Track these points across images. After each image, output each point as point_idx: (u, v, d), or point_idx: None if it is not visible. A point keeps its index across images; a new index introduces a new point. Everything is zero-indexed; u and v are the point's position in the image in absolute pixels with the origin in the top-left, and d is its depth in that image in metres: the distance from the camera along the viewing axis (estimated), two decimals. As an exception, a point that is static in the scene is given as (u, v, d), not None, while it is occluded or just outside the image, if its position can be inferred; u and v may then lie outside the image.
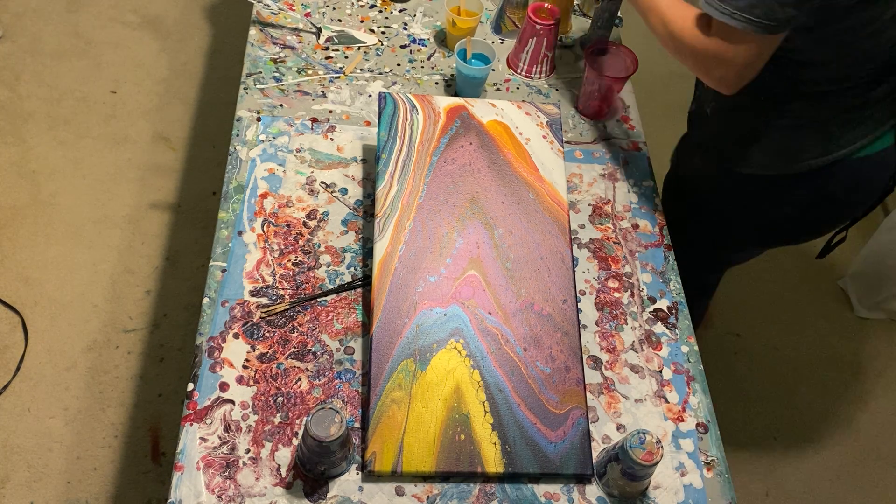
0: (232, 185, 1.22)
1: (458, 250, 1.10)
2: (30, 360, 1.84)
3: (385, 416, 0.99)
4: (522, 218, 1.14)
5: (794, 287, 2.25)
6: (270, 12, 1.47)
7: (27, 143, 2.22)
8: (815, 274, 2.29)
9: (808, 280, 2.28)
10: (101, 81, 2.40)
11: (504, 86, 1.45)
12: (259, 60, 1.39)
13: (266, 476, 0.96)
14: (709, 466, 1.06)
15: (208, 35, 2.61)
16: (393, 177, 1.15)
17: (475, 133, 1.21)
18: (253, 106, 1.33)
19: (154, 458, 1.74)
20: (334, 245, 1.18)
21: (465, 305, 1.07)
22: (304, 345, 1.08)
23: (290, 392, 1.03)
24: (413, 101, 1.23)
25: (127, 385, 1.84)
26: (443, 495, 0.98)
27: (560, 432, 1.01)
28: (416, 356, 1.03)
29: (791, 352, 2.13)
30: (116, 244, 2.06)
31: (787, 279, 2.25)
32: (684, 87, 2.78)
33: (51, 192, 2.13)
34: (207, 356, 1.04)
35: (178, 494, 0.94)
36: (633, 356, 1.14)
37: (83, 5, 2.59)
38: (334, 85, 1.39)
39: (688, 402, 1.11)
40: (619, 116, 1.44)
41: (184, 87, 2.44)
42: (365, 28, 1.50)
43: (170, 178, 2.22)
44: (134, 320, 1.94)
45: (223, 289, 1.11)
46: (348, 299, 1.13)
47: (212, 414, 1.00)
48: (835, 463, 1.93)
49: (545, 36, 1.40)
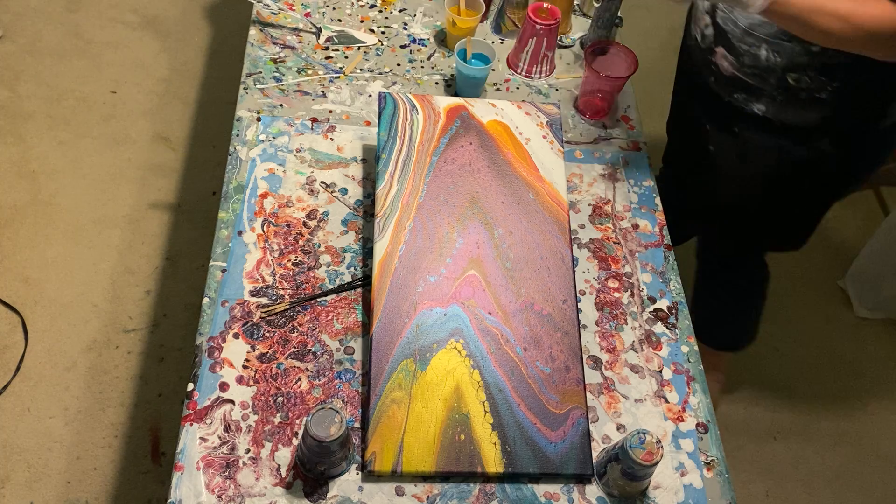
0: (232, 185, 1.22)
1: (458, 250, 1.10)
2: (30, 360, 1.84)
3: (385, 416, 0.99)
4: (522, 218, 1.14)
5: (794, 287, 2.25)
6: (270, 12, 1.47)
7: (27, 143, 2.22)
8: (815, 274, 2.29)
9: (808, 280, 2.28)
10: (101, 81, 2.40)
11: (504, 86, 1.45)
12: (259, 60, 1.39)
13: (266, 476, 0.96)
14: (709, 466, 1.06)
15: (208, 35, 2.61)
16: (393, 177, 1.15)
17: (475, 133, 1.21)
18: (253, 106, 1.33)
19: (154, 458, 1.74)
20: (334, 245, 1.18)
21: (465, 305, 1.07)
22: (304, 345, 1.08)
23: (290, 392, 1.03)
24: (413, 101, 1.23)
25: (127, 385, 1.84)
26: (443, 495, 0.98)
27: (560, 432, 1.01)
28: (416, 356, 1.03)
29: (791, 352, 2.13)
30: (116, 244, 2.06)
31: (787, 279, 2.25)
32: (684, 87, 2.78)
33: (51, 192, 2.13)
34: (207, 356, 1.04)
35: (178, 494, 0.94)
36: (633, 356, 1.14)
37: (83, 5, 2.59)
38: (334, 85, 1.39)
39: (688, 402, 1.11)
40: (619, 116, 1.44)
41: (184, 87, 2.44)
42: (365, 28, 1.50)
43: (170, 178, 2.22)
44: (134, 320, 1.94)
45: (223, 289, 1.11)
46: (348, 299, 1.13)
47: (212, 414, 1.00)
48: (835, 463, 1.93)
49: (545, 36, 1.40)
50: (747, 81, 1.29)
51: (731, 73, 1.30)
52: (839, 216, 2.51)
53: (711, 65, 1.34)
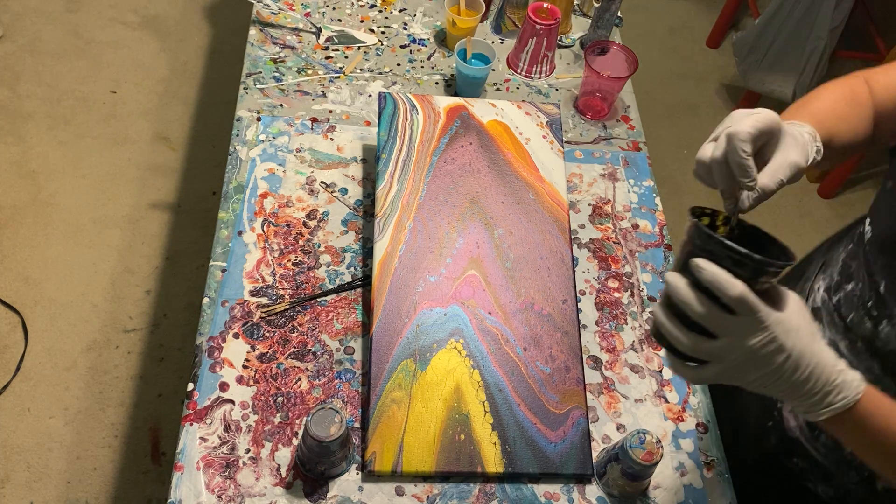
0: (232, 185, 1.22)
1: (458, 250, 1.10)
2: (30, 360, 1.84)
3: (385, 416, 0.99)
4: (522, 218, 1.14)
5: (794, 287, 2.25)
6: (270, 12, 1.47)
7: (27, 143, 2.22)
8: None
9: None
10: (101, 81, 2.40)
11: (504, 86, 1.45)
12: (259, 60, 1.39)
13: (266, 476, 0.96)
14: (709, 466, 1.06)
15: (208, 35, 2.61)
16: (393, 177, 1.15)
17: (475, 133, 1.21)
18: (253, 106, 1.33)
19: (154, 458, 1.74)
20: (334, 245, 1.18)
21: (465, 305, 1.07)
22: (304, 345, 1.08)
23: (290, 392, 1.03)
24: (413, 100, 1.23)
25: (127, 385, 1.84)
26: (443, 495, 0.98)
27: (560, 432, 1.01)
28: (416, 356, 1.03)
29: (791, 352, 2.13)
30: (116, 244, 2.06)
31: (787, 279, 2.25)
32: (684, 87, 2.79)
33: (51, 192, 2.13)
34: (207, 356, 1.04)
35: (178, 494, 0.94)
36: (633, 356, 1.14)
37: (83, 5, 2.59)
38: (334, 85, 1.39)
39: (688, 402, 1.11)
40: (619, 116, 1.44)
41: (184, 87, 2.44)
42: (365, 28, 1.50)
43: (170, 178, 2.22)
44: (134, 320, 1.94)
45: (223, 289, 1.11)
46: (348, 299, 1.13)
47: (212, 414, 1.00)
48: (835, 463, 1.93)
49: (545, 36, 1.40)
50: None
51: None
52: (840, 215, 2.51)
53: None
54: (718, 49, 2.94)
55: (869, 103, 0.90)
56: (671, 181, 2.43)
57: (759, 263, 0.64)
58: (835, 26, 2.36)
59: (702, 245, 0.66)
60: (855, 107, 0.89)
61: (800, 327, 0.67)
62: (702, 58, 2.89)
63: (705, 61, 2.87)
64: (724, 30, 2.93)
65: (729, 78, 2.81)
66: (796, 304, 0.68)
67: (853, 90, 0.90)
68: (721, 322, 0.65)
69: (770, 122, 0.71)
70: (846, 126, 0.87)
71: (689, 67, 2.83)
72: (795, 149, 0.74)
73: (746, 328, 0.65)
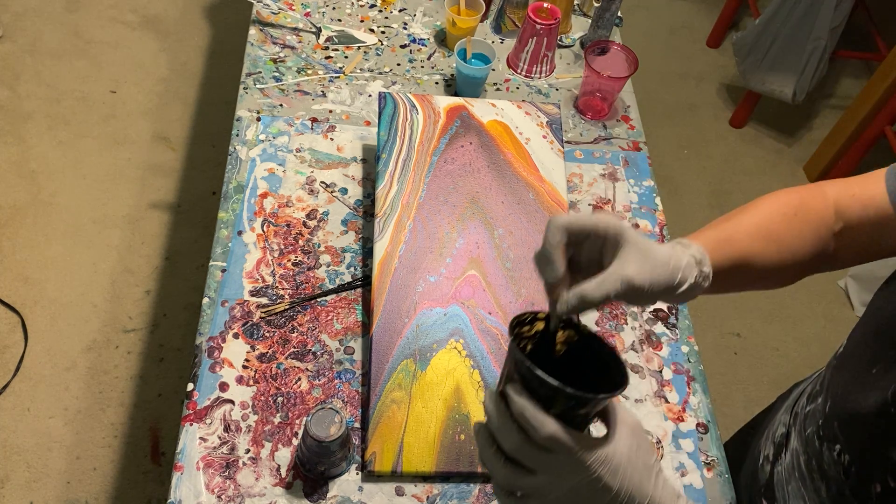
0: (232, 184, 1.22)
1: (458, 250, 1.10)
2: (30, 360, 1.84)
3: (385, 416, 0.99)
4: (523, 218, 1.14)
5: (794, 287, 2.25)
6: (270, 12, 1.47)
7: (27, 143, 2.22)
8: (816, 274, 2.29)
9: (808, 280, 2.27)
10: (101, 81, 2.40)
11: (504, 86, 1.45)
12: (259, 60, 1.39)
13: (266, 476, 0.96)
14: (709, 466, 1.05)
15: (208, 35, 2.61)
16: (393, 176, 1.15)
17: (475, 133, 1.21)
18: (253, 106, 1.33)
19: (154, 458, 1.74)
20: (334, 245, 1.18)
21: (465, 305, 1.07)
22: (304, 345, 1.07)
23: (290, 392, 1.03)
24: (413, 100, 1.22)
25: (127, 385, 1.84)
26: (443, 495, 0.98)
27: (560, 432, 1.01)
28: (416, 356, 1.03)
29: (791, 352, 2.13)
30: (116, 244, 2.06)
31: (787, 279, 2.25)
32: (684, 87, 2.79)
33: (51, 192, 2.13)
34: (207, 356, 1.04)
35: (178, 494, 0.94)
36: (633, 356, 1.14)
37: (83, 5, 2.59)
38: (334, 85, 1.39)
39: (688, 402, 1.11)
40: (619, 116, 1.44)
41: (184, 87, 2.45)
42: (365, 28, 1.49)
43: (169, 178, 2.22)
44: (134, 320, 1.94)
45: (223, 289, 1.11)
46: (348, 299, 1.13)
47: (212, 414, 1.00)
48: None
49: (545, 36, 1.40)
50: None
51: None
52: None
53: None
54: (718, 49, 2.94)
55: (821, 220, 0.81)
56: (671, 181, 2.43)
57: (572, 398, 0.54)
58: (835, 26, 2.36)
59: (517, 368, 0.57)
60: (797, 224, 0.80)
61: (630, 462, 0.58)
62: (702, 58, 2.89)
63: (705, 61, 2.87)
64: (724, 30, 2.93)
65: (729, 78, 2.81)
66: (627, 434, 0.59)
67: (802, 204, 0.81)
68: (537, 459, 0.57)
69: (591, 223, 0.63)
70: (776, 247, 0.79)
71: (690, 67, 2.83)
72: (641, 265, 0.63)
73: (565, 467, 0.57)
